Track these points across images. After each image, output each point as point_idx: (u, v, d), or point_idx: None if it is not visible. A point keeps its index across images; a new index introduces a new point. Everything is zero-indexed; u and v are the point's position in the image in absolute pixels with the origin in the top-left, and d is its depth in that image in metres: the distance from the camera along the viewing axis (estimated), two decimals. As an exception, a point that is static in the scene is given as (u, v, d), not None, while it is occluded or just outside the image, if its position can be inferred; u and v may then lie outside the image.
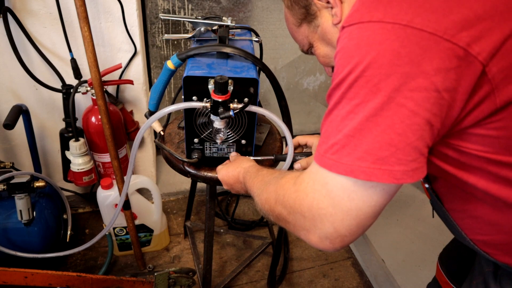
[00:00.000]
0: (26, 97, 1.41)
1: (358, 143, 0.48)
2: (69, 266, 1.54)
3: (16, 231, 1.30)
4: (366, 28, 0.49)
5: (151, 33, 1.65)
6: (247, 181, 0.80)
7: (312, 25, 0.74)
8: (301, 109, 2.22)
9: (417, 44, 0.46)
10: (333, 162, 0.50)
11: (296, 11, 0.74)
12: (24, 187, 1.23)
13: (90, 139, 1.43)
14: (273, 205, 0.63)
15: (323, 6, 0.69)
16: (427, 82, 0.45)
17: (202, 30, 0.99)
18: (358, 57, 0.48)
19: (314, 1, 0.69)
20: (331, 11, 0.68)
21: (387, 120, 0.47)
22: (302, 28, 0.76)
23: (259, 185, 0.73)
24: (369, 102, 0.47)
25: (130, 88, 1.51)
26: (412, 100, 0.46)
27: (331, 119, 0.52)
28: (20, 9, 1.22)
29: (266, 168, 0.81)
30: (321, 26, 0.72)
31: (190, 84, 0.85)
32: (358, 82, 0.48)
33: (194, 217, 1.82)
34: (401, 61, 0.46)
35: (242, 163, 0.86)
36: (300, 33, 0.78)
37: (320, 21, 0.72)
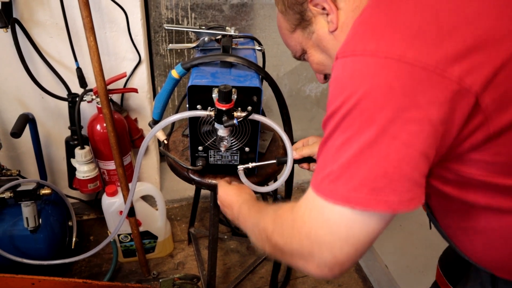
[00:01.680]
0: (32, 105, 1.43)
1: (353, 174, 0.49)
2: (74, 273, 1.55)
3: (22, 238, 1.31)
4: (359, 61, 0.49)
5: (155, 41, 1.68)
6: (243, 211, 0.80)
7: (306, 31, 0.72)
8: (304, 116, 2.23)
9: (410, 78, 0.46)
10: (330, 192, 0.50)
11: (291, 17, 0.72)
12: (30, 194, 1.25)
13: (95, 147, 1.44)
14: (270, 235, 0.62)
15: (318, 12, 0.67)
16: (420, 115, 0.46)
17: (206, 39, 1.01)
18: (352, 89, 0.48)
19: (309, 7, 0.67)
20: (327, 17, 0.66)
21: (381, 152, 0.47)
22: (296, 34, 0.74)
23: (256, 215, 0.73)
24: (362, 134, 0.48)
25: (134, 96, 1.53)
26: (406, 133, 0.46)
27: (327, 148, 0.53)
28: (28, 20, 1.25)
29: (262, 202, 0.82)
30: (316, 33, 0.71)
31: (195, 93, 0.87)
32: (351, 114, 0.48)
33: (198, 223, 1.83)
34: (394, 94, 0.46)
35: (243, 194, 0.86)
36: (293, 39, 0.76)
37: (315, 28, 0.70)
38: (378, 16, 0.53)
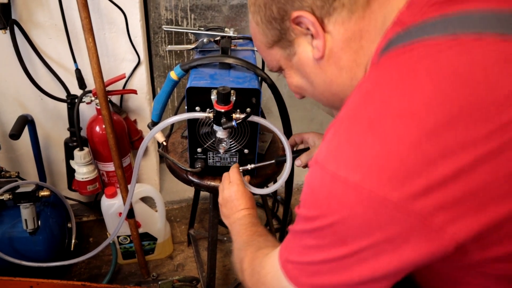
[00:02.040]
0: (31, 107, 1.42)
1: (315, 275, 0.50)
2: (73, 274, 1.55)
3: (21, 240, 1.31)
4: (340, 187, 0.44)
5: (154, 43, 1.67)
6: (237, 227, 0.83)
7: (286, 51, 0.62)
8: (304, 116, 2.23)
9: (389, 217, 0.42)
10: (293, 276, 0.52)
11: (268, 31, 0.61)
12: (29, 196, 1.25)
13: (95, 148, 1.44)
14: (243, 270, 0.68)
15: (302, 32, 0.57)
16: (394, 251, 0.43)
17: (205, 41, 1.00)
18: (327, 210, 0.46)
19: (291, 25, 0.57)
20: (312, 41, 0.57)
21: (346, 271, 0.47)
22: (274, 50, 0.64)
23: (244, 240, 0.77)
24: (331, 249, 0.47)
25: (133, 98, 1.52)
26: (374, 261, 0.45)
27: (295, 235, 0.53)
28: (26, 21, 1.25)
29: (258, 224, 0.83)
30: (297, 56, 0.61)
31: (193, 94, 0.86)
32: (324, 230, 0.47)
33: (198, 225, 1.83)
34: (370, 228, 0.43)
35: (246, 203, 0.87)
36: (270, 54, 0.65)
37: (297, 50, 0.60)
38: (372, 121, 0.43)
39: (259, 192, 0.93)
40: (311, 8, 0.54)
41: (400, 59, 0.47)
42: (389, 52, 0.49)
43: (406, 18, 0.50)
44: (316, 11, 0.54)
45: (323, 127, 2.35)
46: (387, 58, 0.49)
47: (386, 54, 0.50)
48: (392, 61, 0.48)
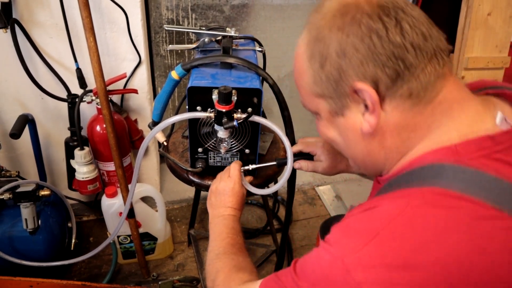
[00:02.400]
0: (32, 106, 1.42)
1: None
2: (73, 274, 1.54)
3: (21, 240, 1.30)
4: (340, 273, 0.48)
5: (155, 42, 1.67)
6: (219, 227, 0.86)
7: (332, 107, 0.58)
8: (305, 117, 2.21)
9: None
10: None
11: (321, 84, 0.57)
12: (29, 195, 1.24)
13: (95, 148, 1.44)
14: (215, 284, 0.72)
15: (357, 101, 0.55)
16: None
17: (206, 40, 1.00)
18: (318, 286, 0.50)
19: (350, 92, 0.54)
20: (364, 114, 0.55)
21: None
22: (318, 100, 0.60)
23: (225, 249, 0.79)
24: None
25: (134, 97, 1.52)
26: None
27: (278, 283, 0.57)
28: (27, 20, 1.25)
29: (239, 233, 0.85)
30: (344, 119, 0.58)
31: (194, 94, 0.86)
32: None
33: (198, 225, 1.82)
34: None
35: (230, 203, 0.89)
36: (312, 101, 0.61)
37: (346, 113, 0.57)
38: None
39: (258, 192, 0.92)
40: (377, 84, 0.52)
41: (438, 212, 0.47)
42: (425, 184, 0.50)
43: (460, 150, 0.51)
44: (381, 88, 0.52)
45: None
46: (422, 198, 0.48)
47: (422, 186, 0.50)
48: (428, 209, 0.47)
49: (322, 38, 0.54)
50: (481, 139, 0.51)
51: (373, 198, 0.59)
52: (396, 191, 0.53)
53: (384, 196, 0.55)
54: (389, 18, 0.51)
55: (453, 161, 0.50)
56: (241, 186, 0.90)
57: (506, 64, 1.89)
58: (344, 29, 0.52)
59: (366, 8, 0.52)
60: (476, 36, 1.81)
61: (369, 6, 0.52)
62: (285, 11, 1.78)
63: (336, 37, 0.53)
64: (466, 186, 0.47)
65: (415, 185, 0.51)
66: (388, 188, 0.57)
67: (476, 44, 1.82)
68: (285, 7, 1.77)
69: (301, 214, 1.95)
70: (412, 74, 0.51)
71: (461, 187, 0.47)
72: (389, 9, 0.51)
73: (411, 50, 0.51)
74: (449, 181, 0.48)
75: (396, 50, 0.50)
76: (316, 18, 0.56)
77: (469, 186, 0.47)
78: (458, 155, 0.50)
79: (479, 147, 0.50)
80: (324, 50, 0.54)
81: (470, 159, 0.49)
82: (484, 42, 1.83)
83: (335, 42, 0.53)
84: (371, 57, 0.51)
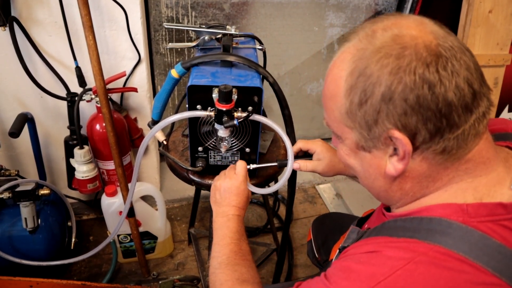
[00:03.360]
0: (31, 105, 1.41)
1: None
2: (73, 273, 1.54)
3: (21, 239, 1.30)
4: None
5: (155, 40, 1.66)
6: (223, 230, 0.84)
7: (360, 141, 0.56)
8: (305, 115, 2.22)
9: None
10: None
11: (355, 119, 0.54)
12: (29, 195, 1.24)
13: (95, 147, 1.43)
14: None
15: (387, 145, 0.53)
16: None
17: (206, 38, 0.99)
18: None
19: (382, 136, 0.52)
20: (392, 157, 0.54)
21: None
22: (346, 130, 0.57)
23: (228, 258, 0.78)
24: None
25: (134, 96, 1.51)
26: None
27: None
28: (26, 18, 1.24)
29: (243, 238, 0.84)
30: (370, 155, 0.56)
31: (194, 93, 0.85)
32: None
33: (198, 223, 1.82)
34: None
35: (234, 202, 0.87)
36: (340, 127, 0.58)
37: (373, 151, 0.55)
38: None
39: (259, 192, 0.92)
40: (414, 136, 0.50)
41: (440, 273, 0.47)
42: (432, 240, 0.50)
43: (471, 211, 0.51)
44: (418, 140, 0.51)
45: (324, 126, 2.33)
46: (426, 256, 0.49)
47: (428, 241, 0.50)
48: (431, 269, 0.48)
49: (369, 75, 0.50)
50: (494, 205, 0.51)
51: (376, 235, 0.59)
52: (401, 239, 0.53)
53: (389, 241, 0.55)
54: (445, 71, 0.48)
55: (462, 221, 0.50)
56: (247, 185, 0.90)
57: (507, 61, 1.88)
58: (397, 74, 0.48)
59: (424, 55, 0.48)
60: (477, 34, 1.80)
61: (427, 53, 0.48)
62: (285, 9, 1.77)
63: (386, 80, 0.49)
64: (470, 249, 0.48)
65: (421, 238, 0.51)
66: (393, 230, 0.57)
67: (477, 41, 1.81)
68: (285, 4, 1.76)
69: (301, 212, 1.94)
70: (452, 133, 0.50)
71: (466, 250, 0.48)
72: (447, 59, 0.48)
73: (459, 109, 0.48)
74: (455, 242, 0.49)
75: (444, 107, 0.48)
76: (365, 48, 0.52)
77: (473, 250, 0.48)
78: (468, 215, 0.51)
79: (490, 212, 0.51)
80: (369, 88, 0.51)
81: (479, 222, 0.50)
82: (485, 40, 1.82)
83: (384, 85, 0.49)
84: (417, 110, 0.48)
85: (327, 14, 1.86)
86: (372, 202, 1.90)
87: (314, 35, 1.91)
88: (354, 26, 1.95)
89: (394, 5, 1.95)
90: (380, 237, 0.58)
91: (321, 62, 2.01)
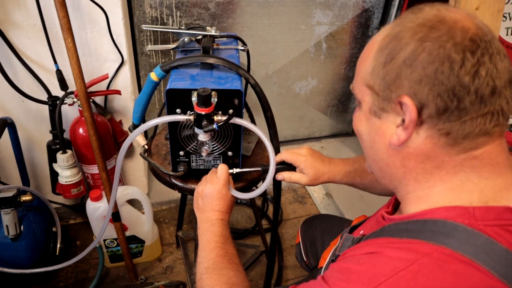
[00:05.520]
0: (12, 109, 1.38)
1: None
2: (60, 279, 1.52)
3: (4, 246, 1.27)
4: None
5: (139, 41, 1.63)
6: (208, 235, 0.83)
7: (373, 106, 0.57)
8: (294, 114, 2.20)
9: None
10: None
11: (376, 78, 0.55)
12: (10, 201, 1.21)
13: (78, 151, 1.41)
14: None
15: (395, 113, 0.54)
16: None
17: (186, 40, 0.97)
18: None
19: (394, 100, 0.53)
20: (398, 127, 0.54)
21: None
22: (366, 91, 0.58)
23: (215, 262, 0.77)
24: None
25: (118, 98, 1.49)
26: None
27: None
28: (3, 21, 1.20)
29: (228, 241, 0.83)
30: (379, 122, 0.57)
31: (173, 96, 0.84)
32: None
33: (187, 226, 1.80)
34: None
35: (217, 207, 0.86)
36: (361, 88, 0.59)
37: (382, 116, 0.56)
38: None
39: (240, 196, 0.90)
40: (422, 107, 0.51)
41: (445, 276, 0.46)
42: (436, 241, 0.49)
43: (477, 214, 0.50)
44: (424, 113, 0.51)
45: (313, 125, 2.33)
46: (430, 257, 0.47)
47: (432, 242, 0.49)
48: (435, 271, 0.46)
49: (400, 38, 0.52)
50: (502, 209, 0.50)
51: (376, 237, 0.58)
52: (404, 239, 0.52)
53: (390, 242, 0.53)
54: (472, 56, 0.48)
55: (468, 223, 0.49)
56: (229, 189, 0.88)
57: (494, 58, 1.88)
58: (424, 42, 0.50)
59: (457, 35, 0.49)
60: (465, 31, 1.79)
61: (461, 35, 0.49)
62: (272, 7, 1.76)
63: (413, 45, 0.51)
64: (476, 252, 0.46)
65: (425, 239, 0.49)
66: (395, 231, 0.56)
67: (465, 38, 1.81)
68: (272, 3, 1.74)
69: (291, 213, 1.93)
70: (459, 117, 0.50)
71: (471, 252, 0.46)
72: (478, 48, 0.48)
73: (473, 95, 0.49)
74: (461, 244, 0.47)
75: (458, 87, 0.48)
76: (408, 17, 0.54)
77: (479, 253, 0.46)
78: (474, 218, 0.49)
79: (498, 217, 0.50)
80: (395, 50, 0.53)
81: (485, 225, 0.49)
82: (472, 37, 1.82)
83: (409, 49, 0.51)
84: (432, 81, 0.49)
85: (314, 12, 1.84)
86: (362, 202, 1.89)
87: (302, 33, 1.89)
88: (342, 23, 1.93)
89: (382, 2, 1.94)
90: (380, 238, 0.56)
91: (309, 60, 2.00)
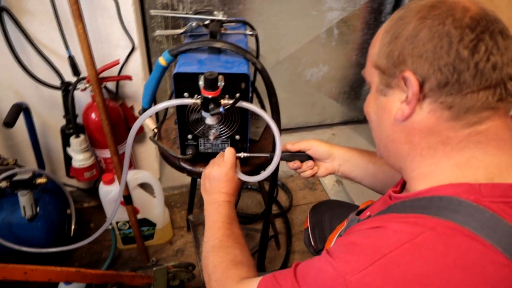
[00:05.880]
0: (26, 95, 1.42)
1: None
2: (74, 259, 1.57)
3: (21, 227, 1.32)
4: None
5: (150, 27, 1.65)
6: (215, 215, 0.84)
7: (382, 83, 0.59)
8: (305, 101, 2.19)
9: None
10: None
11: (383, 57, 0.58)
12: (26, 184, 1.25)
13: (91, 135, 1.44)
14: (211, 279, 0.73)
15: (401, 89, 0.56)
16: None
17: (194, 25, 0.98)
18: None
19: (398, 76, 0.55)
20: (402, 103, 0.56)
21: None
22: (375, 71, 0.61)
23: (221, 241, 0.78)
24: None
25: (129, 84, 1.51)
26: None
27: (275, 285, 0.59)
28: (17, 8, 1.23)
29: (235, 221, 0.84)
30: (385, 99, 0.59)
31: (181, 80, 0.85)
32: None
33: (197, 210, 1.83)
34: None
35: (224, 189, 0.87)
36: (371, 71, 0.62)
37: (388, 94, 0.58)
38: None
39: (247, 180, 0.91)
40: (424, 81, 0.53)
41: (449, 249, 0.46)
42: (441, 216, 0.49)
43: (483, 191, 0.50)
44: (426, 87, 0.53)
45: (324, 112, 2.31)
46: (435, 231, 0.48)
47: (437, 217, 0.49)
48: (439, 244, 0.47)
49: (404, 18, 0.55)
50: (507, 186, 0.50)
51: (382, 214, 0.59)
52: (409, 214, 0.52)
53: (395, 216, 0.54)
54: (471, 32, 0.50)
55: (473, 199, 0.49)
56: (236, 172, 0.90)
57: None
58: (425, 19, 0.53)
59: (457, 13, 0.51)
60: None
61: (461, 13, 0.51)
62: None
63: (415, 23, 0.54)
64: (481, 227, 0.46)
65: (430, 213, 0.50)
66: (401, 209, 0.56)
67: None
68: (282, -12, 1.73)
69: (301, 199, 1.94)
70: (460, 91, 0.51)
71: (476, 227, 0.46)
72: (478, 26, 0.50)
73: (472, 69, 0.50)
74: (465, 218, 0.48)
75: (458, 62, 0.50)
76: (414, 1, 0.57)
77: (484, 228, 0.46)
78: (480, 195, 0.50)
79: (503, 194, 0.50)
80: (399, 29, 0.55)
81: (491, 202, 0.49)
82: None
83: (411, 27, 0.54)
84: (432, 56, 0.51)
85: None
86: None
87: (313, 19, 1.88)
88: (354, 9, 1.90)
89: (395, -13, 1.91)
90: (386, 214, 0.57)
91: (320, 47, 1.98)
